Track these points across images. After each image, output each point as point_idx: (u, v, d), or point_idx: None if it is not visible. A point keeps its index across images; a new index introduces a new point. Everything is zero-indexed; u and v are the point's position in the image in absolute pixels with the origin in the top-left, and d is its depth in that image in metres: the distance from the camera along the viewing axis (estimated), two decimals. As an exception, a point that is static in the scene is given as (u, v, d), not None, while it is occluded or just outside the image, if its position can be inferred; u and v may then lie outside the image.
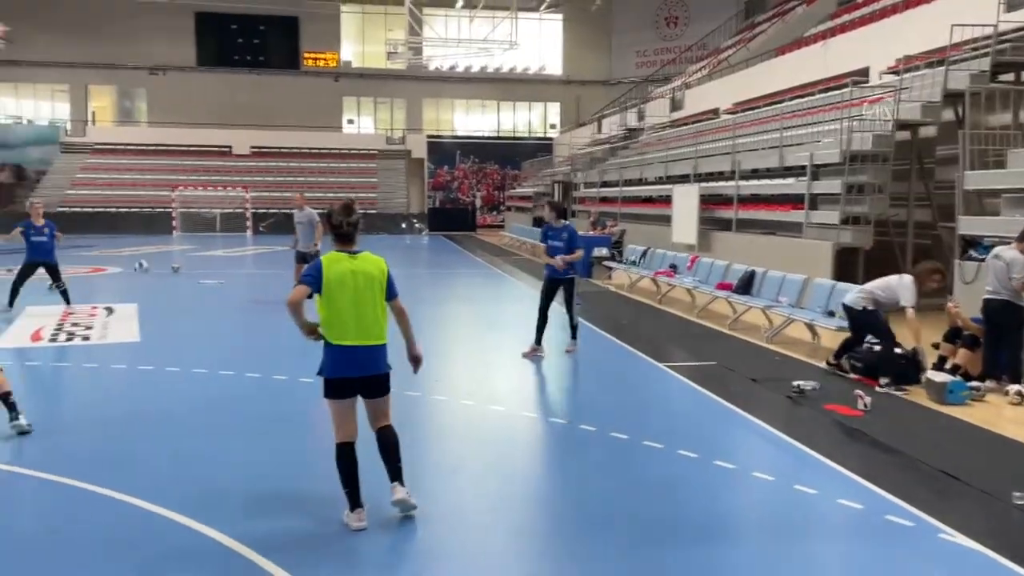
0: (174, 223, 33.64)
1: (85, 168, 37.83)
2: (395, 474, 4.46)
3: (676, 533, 4.47)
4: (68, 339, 9.83)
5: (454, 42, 35.41)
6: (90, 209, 34.79)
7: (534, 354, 9.00)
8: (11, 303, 11.65)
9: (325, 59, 41.87)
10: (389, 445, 4.48)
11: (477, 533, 4.53)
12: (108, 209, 34.92)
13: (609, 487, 5.16)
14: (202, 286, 15.74)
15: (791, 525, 4.69)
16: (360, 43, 42.71)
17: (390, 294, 4.50)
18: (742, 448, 6.24)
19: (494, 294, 16.20)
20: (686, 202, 16.58)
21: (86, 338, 9.93)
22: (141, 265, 18.09)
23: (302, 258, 12.73)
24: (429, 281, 18.71)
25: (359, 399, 4.47)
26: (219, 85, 40.13)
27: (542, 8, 40.33)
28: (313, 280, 4.31)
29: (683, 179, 18.31)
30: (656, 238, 17.26)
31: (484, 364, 9.45)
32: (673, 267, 14.41)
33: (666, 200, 18.32)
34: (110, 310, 12.02)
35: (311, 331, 4.38)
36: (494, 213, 41.85)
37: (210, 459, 5.53)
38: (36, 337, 9.89)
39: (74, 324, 10.82)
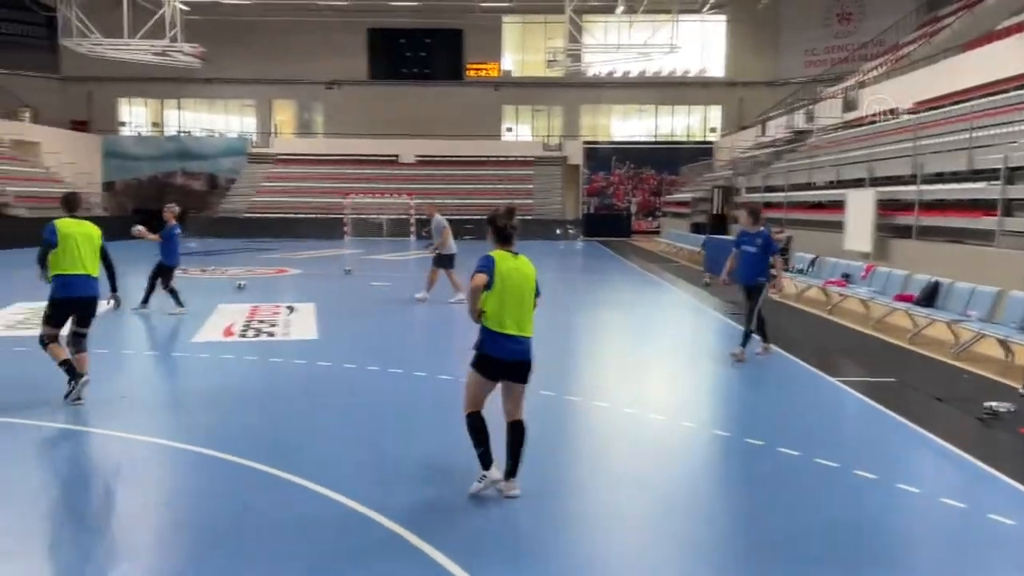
0: (345, 228, 35.60)
1: (269, 177, 40.86)
2: (512, 471, 4.89)
3: (856, 559, 4.25)
4: (255, 335, 10.64)
5: (613, 47, 35.34)
6: (272, 215, 37.55)
7: (766, 353, 9.29)
8: (179, 303, 12.36)
9: (486, 69, 43.03)
10: (517, 440, 4.91)
11: (640, 542, 4.50)
12: (288, 215, 37.53)
13: (780, 504, 4.98)
14: (372, 288, 16.55)
15: (986, 558, 4.33)
16: (520, 52, 43.54)
17: (536, 294, 5.00)
18: (927, 472, 5.83)
19: (651, 300, 16.00)
20: (861, 208, 15.68)
21: (271, 334, 10.70)
22: (348, 272, 19.14)
23: (439, 261, 13.81)
24: (584, 287, 18.75)
25: (496, 391, 4.93)
26: (388, 97, 42.17)
27: (705, 9, 39.47)
28: (489, 271, 4.72)
29: (857, 183, 17.33)
30: (826, 245, 16.43)
31: (644, 371, 9.35)
32: (846, 276, 13.67)
33: (837, 206, 17.40)
34: (291, 309, 12.92)
35: (479, 317, 4.81)
36: (650, 219, 41.34)
37: (383, 451, 5.81)
38: (228, 332, 10.78)
39: (260, 321, 11.70)
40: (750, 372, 8.84)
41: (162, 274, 12.60)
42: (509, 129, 44.51)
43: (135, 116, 44.45)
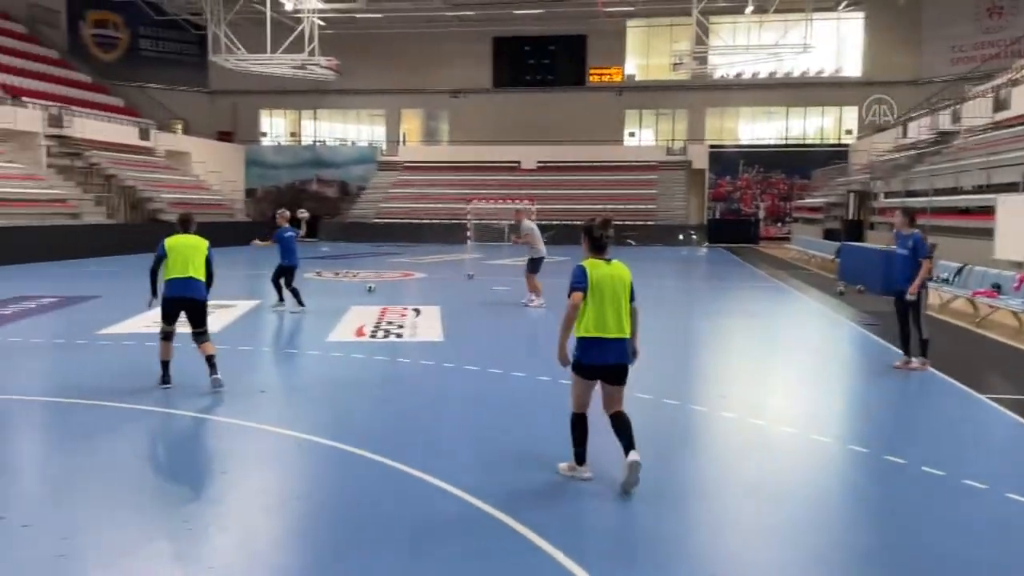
0: (468, 233, 36.29)
1: (396, 184, 42.23)
2: (629, 444, 5.03)
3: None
4: (385, 336, 11.01)
5: (742, 48, 34.44)
6: (398, 220, 38.78)
7: (906, 367, 8.84)
8: (300, 302, 12.96)
9: (609, 74, 42.86)
10: (623, 424, 5.10)
11: (766, 555, 4.35)
12: (413, 220, 38.65)
13: (925, 528, 4.69)
14: (494, 292, 16.79)
15: None
16: (644, 56, 43.13)
17: (631, 297, 5.15)
18: (1092, 500, 5.33)
19: (780, 309, 15.44)
20: (1013, 213, 14.58)
21: (399, 335, 11.05)
22: (470, 276, 19.56)
23: (533, 265, 14.33)
24: (708, 295, 18.33)
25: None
26: (510, 104, 42.73)
27: (840, 7, 37.83)
28: (583, 286, 4.99)
29: (1010, 187, 16.12)
30: (974, 254, 15.37)
31: (773, 382, 9.03)
32: (996, 287, 12.74)
33: (986, 211, 16.26)
34: (418, 311, 13.30)
35: (564, 361, 5.14)
36: (779, 225, 39.94)
37: (506, 451, 5.88)
38: (359, 333, 11.20)
39: (389, 323, 12.11)
40: (890, 386, 8.39)
41: (283, 274, 13.21)
42: (632, 134, 44.13)
43: (275, 127, 47.00)
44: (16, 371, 8.60)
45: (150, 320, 11.81)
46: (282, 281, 13.25)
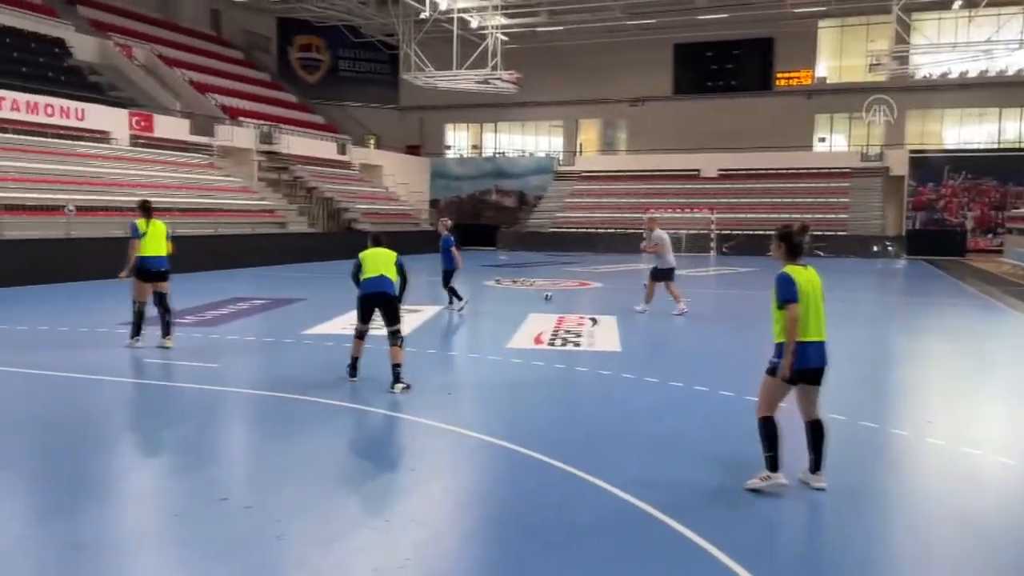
0: (644, 243, 35.91)
1: (573, 193, 42.60)
2: (817, 464, 5.22)
3: None
4: (563, 344, 11.13)
5: (948, 47, 31.81)
6: (574, 230, 39.09)
7: None
8: (457, 298, 14.30)
9: (798, 77, 41.00)
10: (820, 434, 5.22)
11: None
12: (589, 230, 38.80)
13: None
14: (672, 303, 16.49)
15: None
16: (836, 58, 40.89)
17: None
18: None
19: (992, 329, 14.04)
20: None
21: (576, 344, 11.12)
22: (646, 285, 19.35)
23: (656, 274, 14.42)
24: (907, 310, 17.02)
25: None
26: (691, 111, 41.91)
27: (1067, -6, 34.00)
28: (796, 296, 5.03)
29: None
30: None
31: (987, 409, 8.23)
32: None
33: None
34: (595, 321, 13.33)
35: (790, 367, 5.07)
36: (989, 236, 36.43)
37: (689, 465, 5.76)
38: (538, 340, 11.39)
39: (567, 331, 12.22)
40: None
41: (447, 276, 14.57)
42: (822, 139, 41.91)
43: (458, 139, 48.90)
44: (233, 366, 9.48)
45: (348, 323, 12.64)
46: (446, 281, 14.62)
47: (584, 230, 38.82)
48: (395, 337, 8.14)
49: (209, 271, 21.73)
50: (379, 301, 8.18)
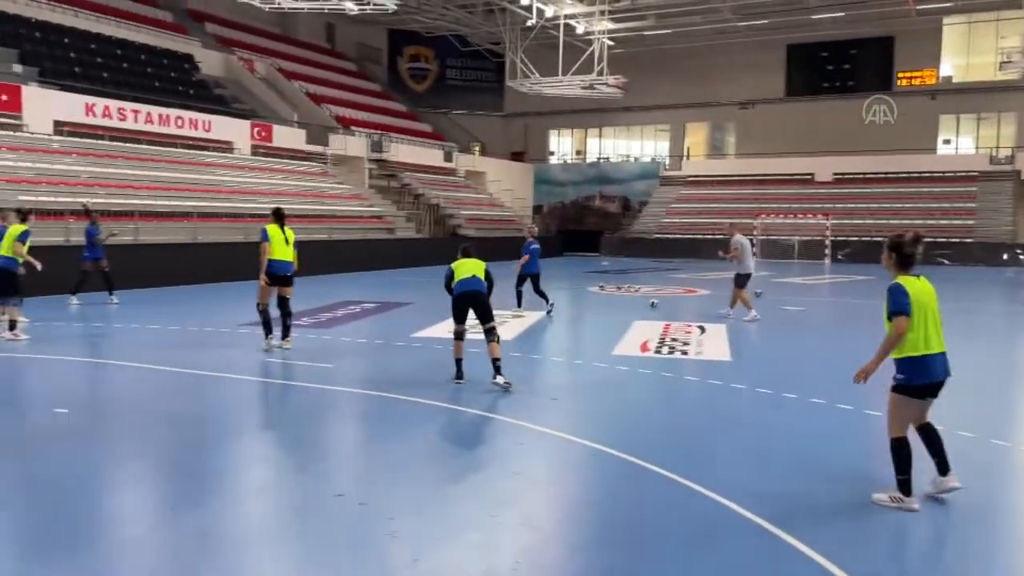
0: (754, 250, 34.88)
1: (678, 199, 41.92)
2: (944, 466, 5.05)
3: None
4: (670, 352, 10.95)
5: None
6: (679, 236, 38.43)
7: None
8: (520, 303, 14.79)
9: (921, 77, 39.00)
10: (936, 435, 5.09)
11: None
12: (695, 236, 38.07)
13: None
14: (784, 312, 15.98)
15: None
16: (963, 55, 38.65)
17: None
18: None
19: None
20: None
21: (684, 352, 10.93)
22: (758, 294, 18.83)
23: (738, 280, 14.23)
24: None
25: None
26: (804, 113, 40.53)
27: None
28: (908, 308, 4.88)
29: None
30: None
31: None
32: None
33: None
34: (703, 329, 13.05)
35: (864, 375, 5.02)
36: None
37: (803, 479, 5.56)
38: (644, 348, 11.25)
39: (673, 339, 12.02)
40: None
41: (533, 281, 14.88)
42: (947, 141, 39.69)
43: (562, 145, 48.95)
44: (347, 367, 9.80)
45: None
46: (519, 287, 14.98)
47: (690, 236, 38.11)
48: (491, 334, 8.47)
49: (322, 275, 22.55)
50: (472, 300, 8.50)
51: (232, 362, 9.76)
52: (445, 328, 12.28)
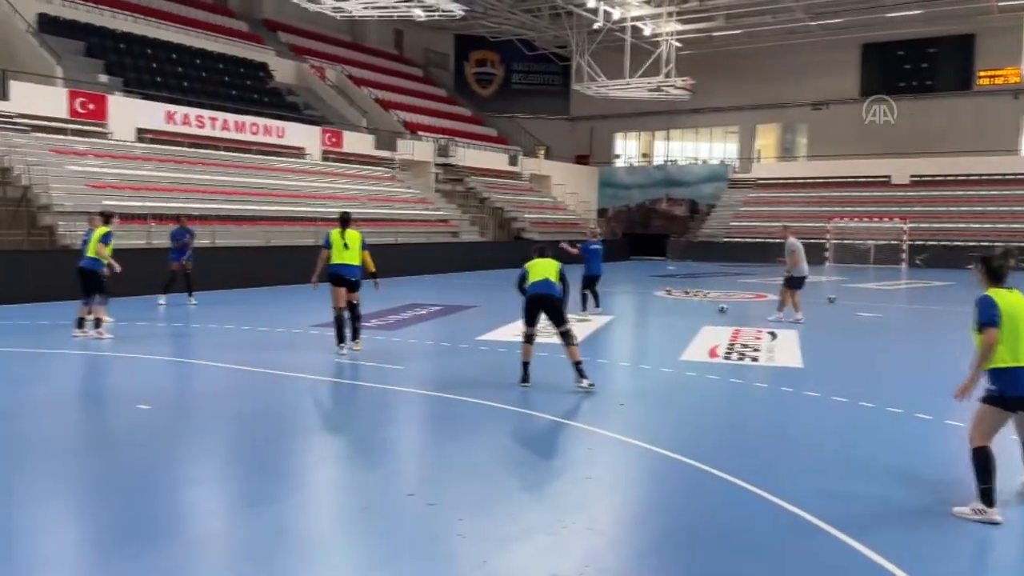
0: (826, 254, 34.07)
1: (747, 202, 41.16)
2: None
3: None
4: (739, 358, 10.76)
5: None
6: (749, 240, 37.72)
7: None
8: (584, 307, 14.72)
9: (1004, 75, 37.40)
10: None
11: None
12: (764, 240, 37.29)
13: None
14: (859, 318, 15.55)
15: None
16: (1050, 52, 36.88)
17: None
18: None
19: None
20: None
21: (754, 359, 10.73)
22: (831, 300, 18.38)
23: (790, 282, 14.33)
24: None
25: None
26: (881, 114, 39.34)
27: None
28: (996, 320, 4.88)
29: None
30: None
31: None
32: None
33: None
34: (773, 335, 12.79)
35: (963, 391, 5.00)
36: None
37: (874, 487, 5.40)
38: (712, 353, 11.09)
39: (743, 345, 11.81)
40: None
41: (588, 282, 15.03)
42: (1032, 142, 37.99)
43: (628, 148, 48.61)
44: (414, 369, 9.93)
45: (519, 330, 12.90)
46: (584, 290, 14.99)
47: (759, 240, 37.36)
48: (567, 337, 8.46)
49: (389, 278, 22.87)
50: (544, 303, 8.52)
51: (304, 362, 10.00)
52: (509, 331, 12.37)
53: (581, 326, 13.39)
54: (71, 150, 21.26)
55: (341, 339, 10.49)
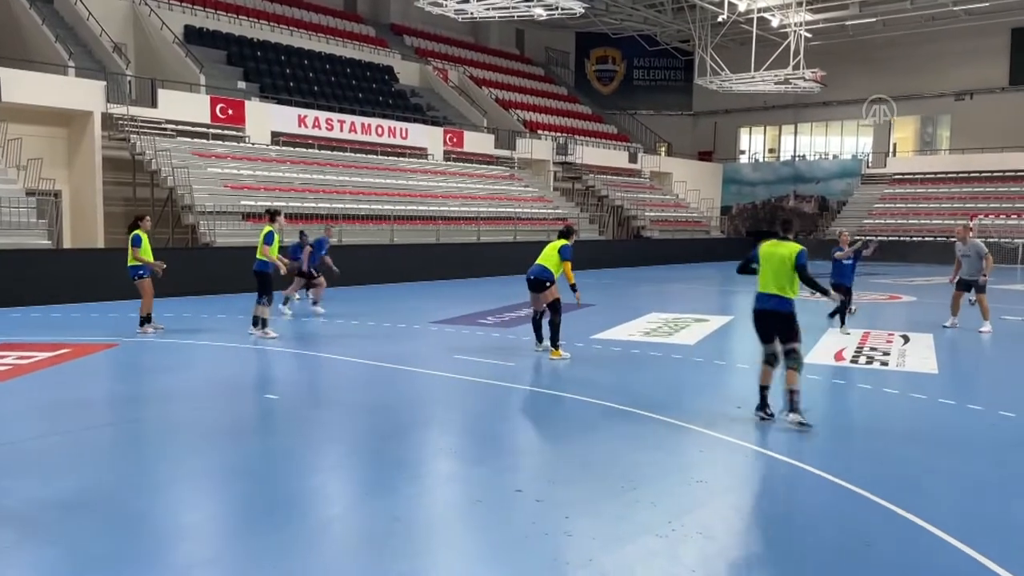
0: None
1: (883, 198, 39.06)
2: None
3: None
4: (868, 362, 10.25)
5: None
6: (883, 237, 35.76)
7: None
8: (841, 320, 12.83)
9: None
10: None
11: None
12: (900, 238, 35.31)
13: None
14: (1005, 323, 14.48)
15: None
16: None
17: None
18: None
19: None
20: None
21: (884, 363, 10.19)
22: (971, 303, 17.28)
23: (966, 286, 13.29)
24: None
25: None
26: (881, 114, 36.48)
27: None
28: None
29: None
30: None
31: None
32: None
33: None
34: (906, 338, 12.10)
35: None
36: None
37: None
38: (839, 357, 10.61)
39: (872, 348, 11.24)
40: None
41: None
42: None
43: (753, 144, 47.09)
44: (527, 366, 10.01)
45: (635, 329, 12.80)
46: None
47: (895, 238, 35.39)
48: (789, 356, 7.03)
49: (508, 276, 23.16)
50: (766, 318, 7.20)
51: (422, 357, 10.27)
52: (625, 331, 12.27)
53: (698, 326, 13.12)
54: (212, 153, 22.68)
55: (540, 339, 10.81)
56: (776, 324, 7.14)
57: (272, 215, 11.79)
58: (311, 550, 4.35)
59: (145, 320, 11.87)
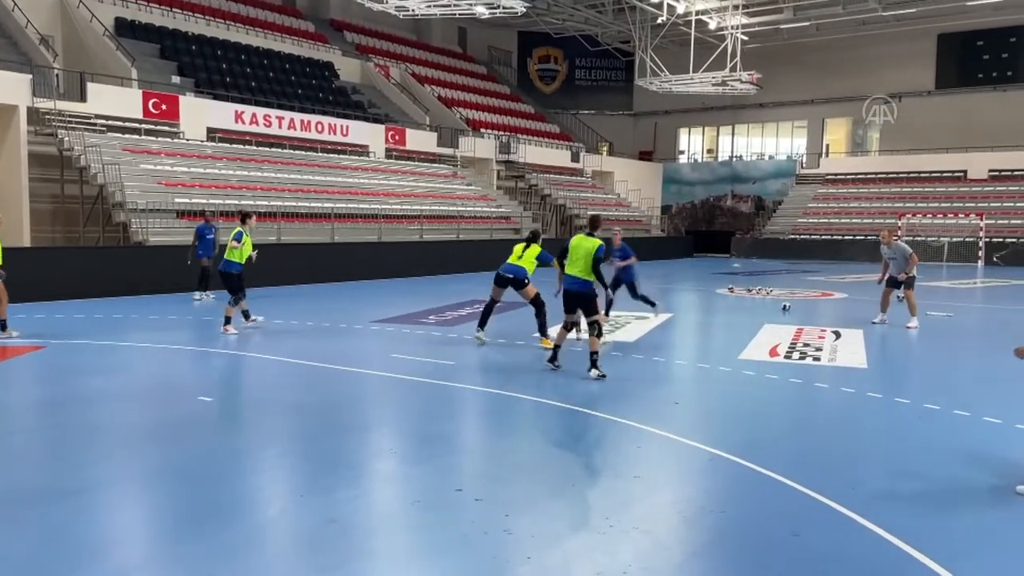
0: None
1: (816, 198, 40.18)
2: None
3: None
4: (800, 357, 10.52)
5: None
6: (815, 237, 36.80)
7: None
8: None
9: (1093, 63, 35.61)
10: None
11: None
12: (832, 236, 36.36)
13: None
14: (930, 319, 15.02)
15: None
16: None
17: None
18: None
19: None
20: None
21: (816, 359, 10.47)
22: (900, 299, 17.86)
23: (895, 284, 13.70)
24: None
25: None
26: (956, 107, 37.93)
27: None
28: None
29: None
30: None
31: None
32: None
33: None
34: (837, 334, 12.46)
35: None
36: None
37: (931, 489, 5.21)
38: (773, 352, 10.87)
39: (805, 344, 11.54)
40: None
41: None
42: (1122, 134, 36.07)
43: (692, 144, 47.92)
44: (468, 364, 9.99)
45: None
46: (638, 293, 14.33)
47: (827, 237, 36.44)
48: (591, 328, 8.83)
49: (450, 274, 23.11)
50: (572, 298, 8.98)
51: (362, 357, 10.16)
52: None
53: (639, 324, 13.29)
54: (144, 149, 22.05)
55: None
56: (579, 301, 8.86)
57: (244, 217, 12.34)
58: (243, 555, 4.26)
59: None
